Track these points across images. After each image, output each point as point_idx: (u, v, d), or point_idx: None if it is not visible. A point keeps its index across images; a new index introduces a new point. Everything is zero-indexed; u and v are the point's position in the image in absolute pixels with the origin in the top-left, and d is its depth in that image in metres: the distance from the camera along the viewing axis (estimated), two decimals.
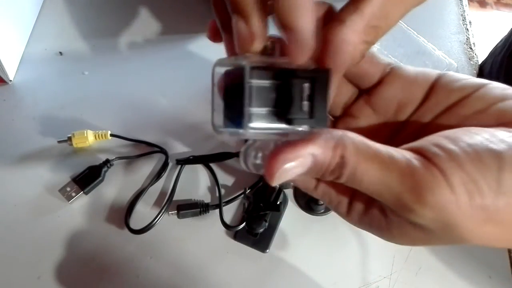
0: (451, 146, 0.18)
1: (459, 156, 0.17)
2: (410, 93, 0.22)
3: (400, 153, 0.18)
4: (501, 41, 0.58)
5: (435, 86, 0.22)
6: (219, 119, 0.19)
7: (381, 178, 0.18)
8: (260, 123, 0.18)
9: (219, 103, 0.19)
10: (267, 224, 0.39)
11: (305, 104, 0.19)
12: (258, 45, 0.19)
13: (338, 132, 0.19)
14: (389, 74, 0.23)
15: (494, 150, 0.17)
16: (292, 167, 0.18)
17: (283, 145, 0.18)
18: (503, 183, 0.17)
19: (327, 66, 0.19)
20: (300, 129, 0.19)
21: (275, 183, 0.19)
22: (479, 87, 0.20)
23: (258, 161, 0.21)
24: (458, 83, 0.21)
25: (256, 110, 0.18)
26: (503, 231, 0.18)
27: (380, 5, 0.18)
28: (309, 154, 0.18)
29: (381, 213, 0.20)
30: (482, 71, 0.56)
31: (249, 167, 0.21)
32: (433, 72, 0.22)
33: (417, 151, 0.18)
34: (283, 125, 0.19)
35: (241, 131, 0.18)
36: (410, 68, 0.23)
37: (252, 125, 0.18)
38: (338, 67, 0.20)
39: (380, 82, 0.23)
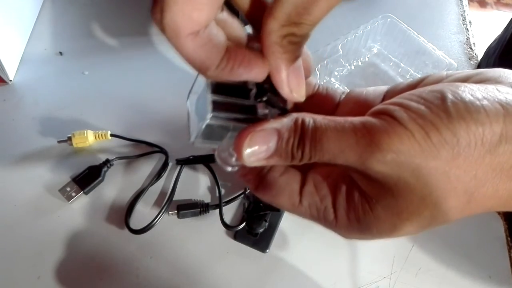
0: (397, 99, 0.19)
1: (406, 102, 0.18)
2: (366, 106, 0.24)
3: (356, 117, 0.19)
4: (494, 41, 0.58)
5: (387, 93, 0.24)
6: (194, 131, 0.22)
7: (339, 136, 0.18)
8: (223, 113, 0.20)
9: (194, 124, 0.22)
10: (267, 224, 0.39)
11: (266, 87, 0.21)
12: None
13: (297, 113, 0.20)
14: (344, 98, 0.25)
15: (435, 88, 0.18)
16: (259, 140, 0.19)
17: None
18: (450, 110, 0.17)
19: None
20: (261, 113, 0.21)
21: (246, 160, 0.20)
22: (423, 79, 0.22)
23: (233, 159, 0.22)
24: (406, 82, 0.23)
25: (218, 97, 0.20)
26: (475, 167, 0.17)
27: (294, 6, 0.17)
28: (273, 129, 0.20)
29: (361, 196, 0.20)
30: None
31: (231, 164, 0.22)
32: (384, 86, 0.25)
33: (370, 114, 0.19)
34: (244, 115, 0.21)
35: (207, 116, 0.20)
36: (363, 88, 0.25)
37: (215, 113, 0.20)
38: (273, 59, 0.20)
39: (337, 106, 0.25)
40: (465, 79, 0.20)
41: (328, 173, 0.22)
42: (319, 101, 0.25)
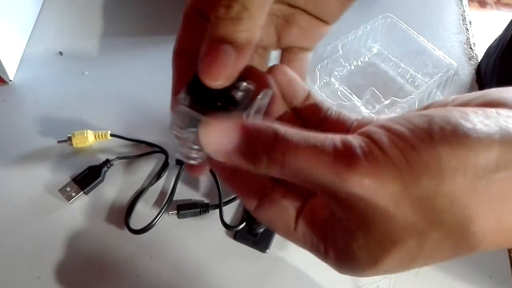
0: (384, 121, 0.18)
1: (389, 124, 0.17)
2: None
3: (337, 136, 0.18)
4: (495, 41, 0.58)
5: None
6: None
7: (317, 152, 0.17)
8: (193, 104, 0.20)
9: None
10: None
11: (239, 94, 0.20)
12: None
13: (270, 122, 0.18)
14: (355, 126, 0.23)
15: (425, 112, 0.17)
16: (222, 128, 0.18)
17: None
18: (434, 133, 0.16)
19: None
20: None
21: (205, 143, 0.18)
22: (429, 105, 0.21)
23: (193, 152, 0.21)
24: (414, 111, 0.22)
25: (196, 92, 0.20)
26: (466, 197, 0.16)
27: None
28: (240, 123, 0.18)
29: (342, 226, 0.19)
30: (480, 72, 0.56)
31: (192, 157, 0.21)
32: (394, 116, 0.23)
33: (357, 133, 0.18)
34: (219, 110, 0.20)
35: (181, 98, 0.20)
36: (374, 116, 0.24)
37: (185, 101, 0.20)
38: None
39: (347, 133, 0.24)
40: (468, 103, 0.19)
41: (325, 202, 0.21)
42: (329, 126, 0.23)
